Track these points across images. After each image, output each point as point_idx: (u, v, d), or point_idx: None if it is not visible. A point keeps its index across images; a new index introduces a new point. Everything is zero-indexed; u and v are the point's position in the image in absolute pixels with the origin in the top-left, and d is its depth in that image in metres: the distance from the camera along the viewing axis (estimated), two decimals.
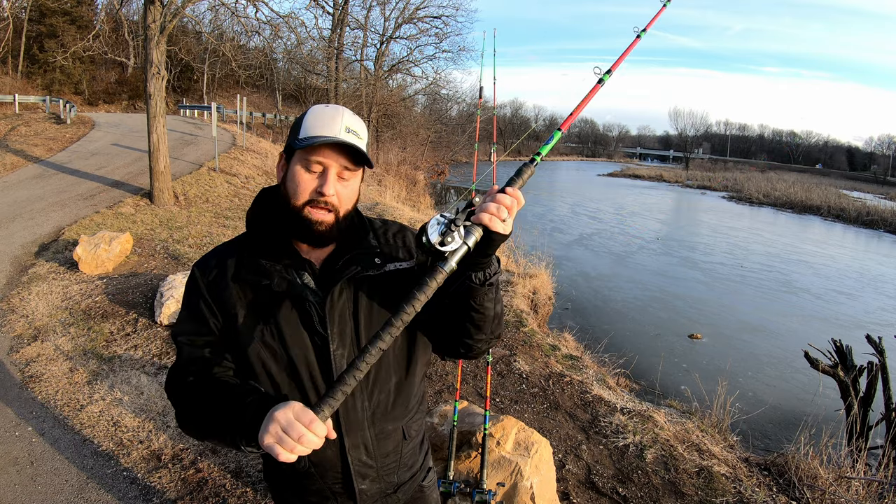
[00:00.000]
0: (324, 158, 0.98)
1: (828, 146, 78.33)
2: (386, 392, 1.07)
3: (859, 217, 23.76)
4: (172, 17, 8.06)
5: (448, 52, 24.37)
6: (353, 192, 1.05)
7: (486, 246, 0.89)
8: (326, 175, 0.99)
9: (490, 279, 0.93)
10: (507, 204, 0.87)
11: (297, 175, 1.00)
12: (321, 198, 0.99)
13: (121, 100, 24.54)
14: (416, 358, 1.13)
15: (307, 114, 1.03)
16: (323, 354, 1.01)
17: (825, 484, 2.87)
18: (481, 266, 0.93)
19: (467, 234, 0.86)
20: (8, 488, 2.56)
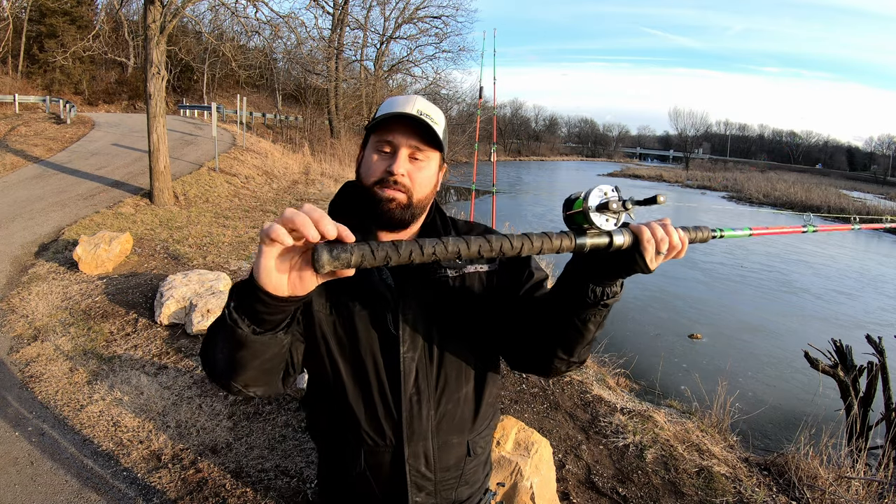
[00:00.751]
0: (393, 137, 0.94)
1: (828, 146, 78.36)
2: (454, 402, 1.00)
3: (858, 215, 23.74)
4: (172, 17, 8.06)
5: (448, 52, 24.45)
6: (427, 176, 0.98)
7: (617, 262, 0.78)
8: (397, 154, 0.95)
9: (608, 299, 0.82)
10: (674, 242, 0.77)
11: (368, 157, 0.98)
12: (391, 177, 0.94)
13: (121, 100, 24.54)
14: (490, 365, 1.05)
15: (385, 102, 1.01)
16: (392, 355, 0.95)
17: (825, 484, 2.87)
18: (606, 281, 0.81)
19: (619, 230, 0.76)
20: (8, 488, 2.56)
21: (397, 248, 0.63)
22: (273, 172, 12.73)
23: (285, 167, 13.78)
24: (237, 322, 0.72)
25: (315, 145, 19.53)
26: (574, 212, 0.78)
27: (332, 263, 0.61)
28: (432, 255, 0.65)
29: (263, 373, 0.81)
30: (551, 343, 0.91)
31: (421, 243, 0.64)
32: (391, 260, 0.63)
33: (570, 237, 0.74)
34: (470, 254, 0.67)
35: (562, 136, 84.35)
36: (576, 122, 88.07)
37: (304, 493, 2.58)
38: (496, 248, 0.68)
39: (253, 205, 9.78)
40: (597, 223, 0.74)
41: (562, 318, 0.87)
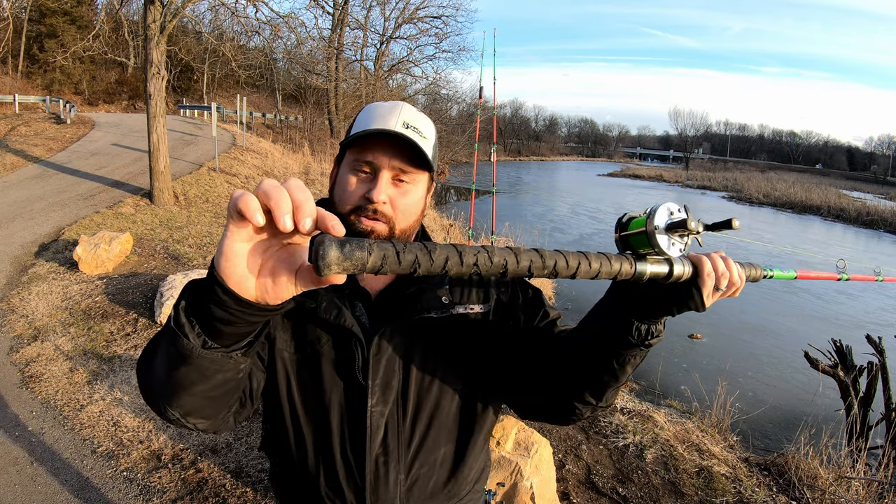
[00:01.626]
0: (373, 157, 0.80)
1: (828, 146, 78.40)
2: (430, 464, 0.85)
3: (859, 217, 23.75)
4: (172, 17, 8.06)
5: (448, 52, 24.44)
6: (412, 202, 0.84)
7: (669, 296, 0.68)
8: (377, 177, 0.81)
9: (652, 339, 0.71)
10: (734, 278, 0.68)
11: (344, 179, 0.83)
12: (370, 205, 0.80)
13: (121, 100, 24.54)
14: (479, 420, 0.89)
15: (364, 111, 0.87)
16: (358, 407, 0.82)
17: (825, 484, 2.87)
18: (652, 318, 0.70)
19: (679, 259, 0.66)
20: (8, 488, 2.56)
21: (430, 252, 0.49)
22: (273, 172, 12.73)
23: (285, 167, 13.78)
24: (184, 328, 0.56)
25: (315, 145, 19.53)
26: (632, 233, 0.66)
27: (343, 264, 0.45)
28: (473, 266, 0.51)
29: (209, 401, 0.65)
30: (578, 387, 0.79)
31: (460, 250, 0.51)
32: (419, 267, 0.49)
33: (630, 262, 0.62)
34: (518, 270, 0.54)
35: (562, 136, 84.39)
36: (576, 122, 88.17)
37: None
38: (549, 266, 0.56)
39: None
40: (662, 247, 0.64)
41: (595, 359, 0.75)
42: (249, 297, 0.51)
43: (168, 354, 0.59)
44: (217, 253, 0.50)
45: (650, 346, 0.72)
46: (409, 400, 0.83)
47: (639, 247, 0.66)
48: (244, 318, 0.54)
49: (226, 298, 0.51)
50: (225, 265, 0.50)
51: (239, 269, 0.50)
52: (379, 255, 0.47)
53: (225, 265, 0.50)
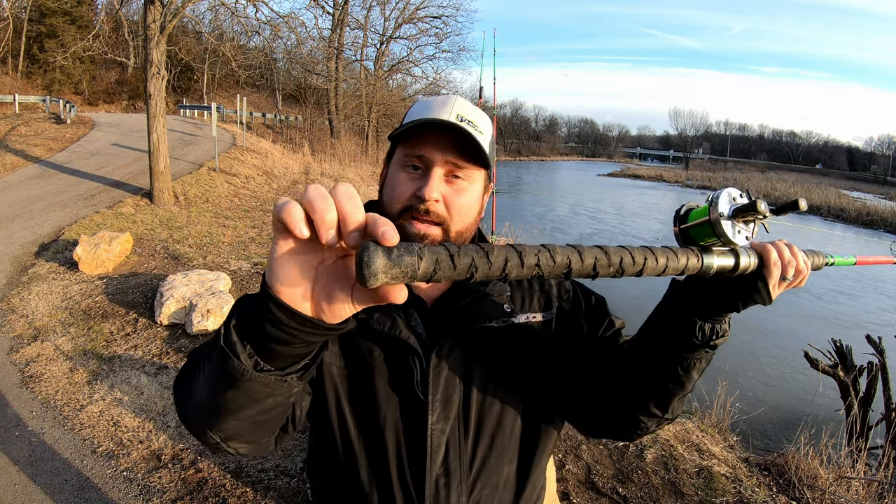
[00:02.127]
0: (426, 151, 0.74)
1: (828, 146, 78.44)
2: (493, 486, 0.79)
3: (859, 217, 23.77)
4: (172, 17, 8.07)
5: (448, 52, 24.44)
6: (468, 202, 0.77)
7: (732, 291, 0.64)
8: (429, 173, 0.74)
9: (717, 339, 0.67)
10: (801, 266, 0.64)
11: (394, 176, 0.77)
12: (421, 204, 0.73)
13: (121, 100, 24.55)
14: (543, 437, 0.83)
15: (415, 105, 0.81)
16: (417, 425, 0.75)
17: (825, 484, 2.87)
18: (716, 316, 0.66)
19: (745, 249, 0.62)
20: (8, 488, 2.56)
21: (487, 254, 0.45)
22: (273, 172, 12.73)
23: (285, 167, 13.79)
24: (235, 347, 0.51)
25: (315, 145, 19.53)
26: (694, 224, 0.62)
27: (390, 273, 0.40)
28: (535, 267, 0.47)
29: (256, 426, 0.60)
30: (643, 398, 0.74)
31: (520, 250, 0.47)
32: (476, 272, 0.44)
33: (697, 255, 0.58)
34: (583, 269, 0.50)
35: (562, 136, 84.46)
36: (576, 122, 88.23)
37: (304, 493, 2.58)
38: (615, 263, 0.52)
39: (253, 205, 9.78)
40: (729, 235, 0.60)
41: (658, 365, 0.71)
42: (307, 312, 0.47)
43: (214, 376, 0.54)
44: (267, 267, 0.47)
45: (716, 346, 0.68)
46: (471, 416, 0.77)
47: (701, 238, 0.62)
48: (301, 336, 0.49)
49: (281, 315, 0.47)
50: (276, 280, 0.46)
51: (291, 283, 0.46)
52: (431, 260, 0.42)
53: (276, 280, 0.46)
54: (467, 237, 0.79)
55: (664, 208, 25.63)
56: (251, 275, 5.57)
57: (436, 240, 0.74)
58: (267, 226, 8.22)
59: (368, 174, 17.05)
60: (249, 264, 5.95)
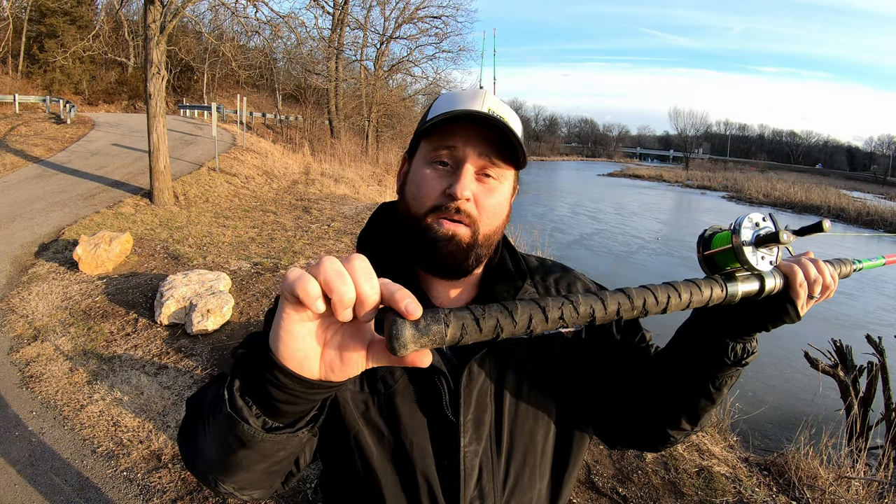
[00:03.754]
0: (457, 144, 0.69)
1: (828, 146, 78.44)
2: (527, 502, 0.77)
3: (859, 217, 23.77)
4: (172, 17, 8.07)
5: (448, 52, 24.38)
6: (498, 203, 0.72)
7: (761, 312, 0.64)
8: (460, 169, 0.69)
9: (748, 357, 0.67)
10: (827, 281, 0.63)
11: (419, 173, 0.72)
12: (451, 202, 0.68)
13: (121, 100, 24.54)
14: (573, 452, 0.81)
15: (442, 95, 0.76)
16: (448, 448, 0.71)
17: (825, 484, 2.87)
18: (746, 335, 0.66)
19: (769, 272, 0.62)
20: (8, 488, 2.56)
21: (511, 313, 0.46)
22: (273, 172, 12.73)
23: (285, 167, 13.79)
24: (241, 412, 0.50)
25: (315, 145, 19.54)
26: (718, 251, 0.62)
27: (419, 342, 0.41)
28: (559, 320, 0.48)
29: (267, 475, 0.60)
30: (673, 413, 0.74)
31: (543, 305, 0.47)
32: (502, 332, 0.45)
33: (721, 285, 0.58)
34: (606, 317, 0.51)
35: (562, 136, 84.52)
36: (576, 122, 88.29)
37: (304, 493, 2.58)
38: (638, 306, 0.53)
39: (253, 205, 9.78)
40: (752, 262, 0.59)
41: (690, 383, 0.70)
42: (313, 376, 0.47)
43: (223, 438, 0.53)
44: (272, 335, 0.46)
45: (746, 364, 0.68)
46: (503, 435, 0.74)
47: (725, 264, 0.62)
48: (308, 397, 0.49)
49: (286, 381, 0.47)
50: (283, 348, 0.45)
51: (300, 351, 0.45)
52: (457, 326, 0.43)
53: (283, 348, 0.45)
54: (494, 240, 0.75)
55: (664, 208, 25.64)
56: (251, 275, 5.58)
57: (463, 240, 0.70)
58: (267, 226, 8.22)
59: (368, 174, 17.04)
60: (249, 264, 5.95)
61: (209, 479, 0.60)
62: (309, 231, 7.97)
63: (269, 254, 6.53)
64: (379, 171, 18.80)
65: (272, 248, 6.87)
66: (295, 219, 8.88)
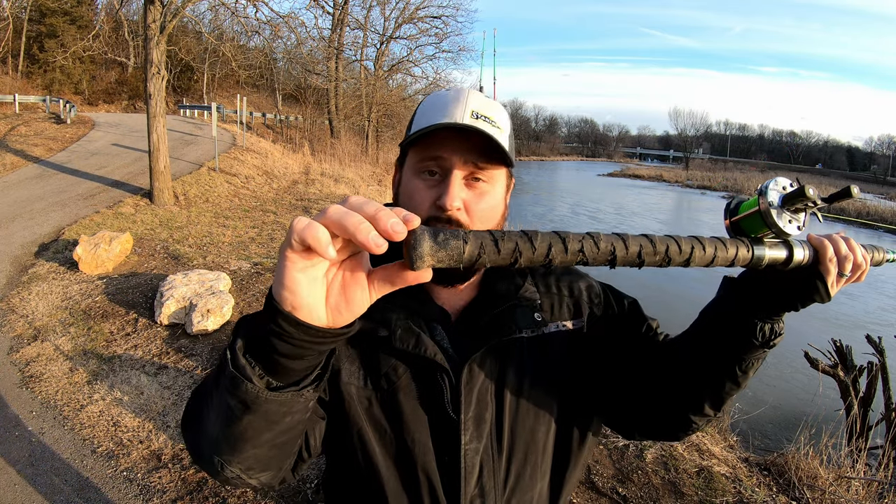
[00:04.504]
0: (442, 154, 0.69)
1: (828, 146, 78.46)
2: (528, 501, 0.77)
3: (859, 217, 23.77)
4: (172, 17, 8.07)
5: (448, 52, 24.38)
6: (491, 206, 0.73)
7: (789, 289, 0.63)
8: (447, 179, 0.69)
9: (775, 338, 0.66)
10: (859, 260, 0.63)
11: (409, 184, 0.72)
12: (442, 213, 0.69)
13: (121, 100, 24.54)
14: (576, 449, 0.80)
15: (424, 102, 0.76)
16: (449, 445, 0.71)
17: (825, 484, 2.87)
18: (775, 315, 0.65)
19: (798, 241, 0.61)
20: (8, 488, 2.56)
21: (531, 239, 0.45)
22: (273, 172, 12.73)
23: (285, 167, 13.79)
24: (244, 370, 0.49)
25: (315, 145, 19.54)
26: (745, 215, 0.61)
27: (437, 255, 0.41)
28: (579, 253, 0.47)
29: (275, 449, 0.59)
30: (697, 399, 0.73)
31: (563, 236, 0.47)
32: (521, 257, 0.44)
33: (747, 246, 0.57)
34: (627, 257, 0.50)
35: (562, 136, 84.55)
36: (576, 122, 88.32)
37: (304, 493, 2.58)
38: (661, 252, 0.51)
39: (253, 205, 9.78)
40: (780, 225, 0.58)
41: (716, 366, 0.69)
42: (321, 323, 0.46)
43: (226, 405, 0.52)
44: (276, 284, 0.45)
45: (774, 345, 0.66)
46: (504, 433, 0.74)
47: (753, 230, 0.60)
48: (314, 348, 0.48)
49: (293, 331, 0.46)
50: (290, 297, 0.44)
51: (308, 297, 0.45)
52: (476, 244, 0.42)
53: (290, 297, 0.44)
54: None
55: (664, 208, 25.65)
56: (251, 275, 5.57)
57: None
58: (267, 225, 8.22)
59: (368, 174, 17.04)
60: (249, 264, 5.95)
61: (215, 462, 0.58)
62: None
63: (269, 254, 6.53)
64: (379, 171, 18.80)
65: (272, 248, 6.87)
66: None
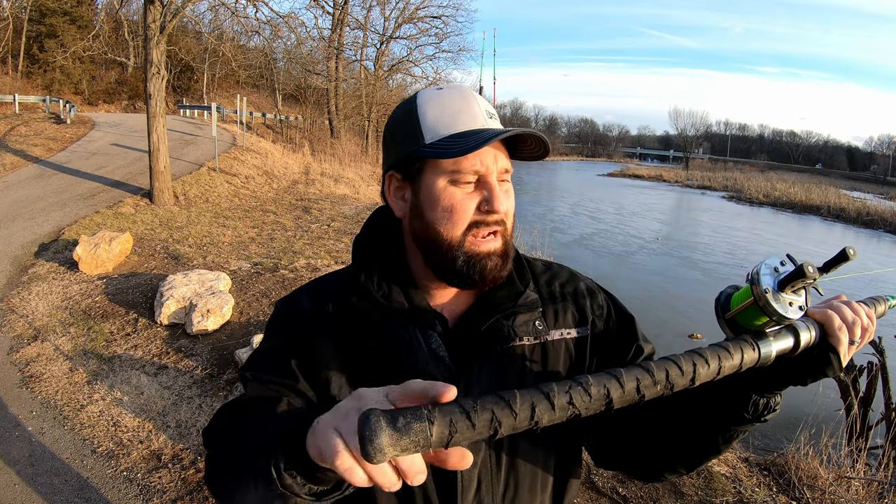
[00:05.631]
0: (481, 157, 0.67)
1: (828, 146, 78.44)
2: None
3: (859, 217, 23.75)
4: (172, 17, 8.07)
5: (448, 52, 24.39)
6: (514, 203, 0.73)
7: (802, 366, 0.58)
8: (485, 184, 0.68)
9: (769, 413, 0.63)
10: (865, 323, 0.58)
11: (445, 195, 0.68)
12: (490, 216, 0.68)
13: (121, 100, 24.54)
14: (575, 462, 0.78)
15: (423, 104, 0.71)
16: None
17: (825, 484, 2.87)
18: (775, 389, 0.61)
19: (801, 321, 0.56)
20: (8, 488, 2.56)
21: (509, 403, 0.41)
22: (273, 172, 12.73)
23: (285, 167, 13.79)
24: (292, 489, 0.51)
25: (315, 145, 19.54)
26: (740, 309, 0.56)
27: (399, 444, 0.37)
28: (568, 406, 0.43)
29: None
30: (672, 459, 0.71)
31: (547, 391, 0.43)
32: (500, 427, 0.40)
33: (752, 345, 0.53)
34: (625, 398, 0.46)
35: (562, 135, 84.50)
36: (576, 122, 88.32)
37: None
38: (661, 381, 0.48)
39: (253, 205, 9.78)
40: (780, 311, 0.54)
41: (698, 434, 0.66)
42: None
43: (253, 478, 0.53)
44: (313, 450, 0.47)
45: (765, 421, 0.63)
46: (503, 446, 0.71)
47: (751, 322, 0.56)
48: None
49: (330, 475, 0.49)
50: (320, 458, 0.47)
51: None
52: (444, 422, 0.38)
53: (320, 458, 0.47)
54: (512, 235, 0.75)
55: (664, 208, 25.65)
56: (251, 275, 5.58)
57: (500, 251, 0.70)
58: (267, 225, 8.22)
59: (368, 174, 17.04)
60: (249, 264, 5.95)
61: None
62: (309, 231, 7.97)
63: (269, 254, 6.53)
64: (379, 172, 18.76)
65: (272, 248, 6.87)
66: (295, 219, 8.88)
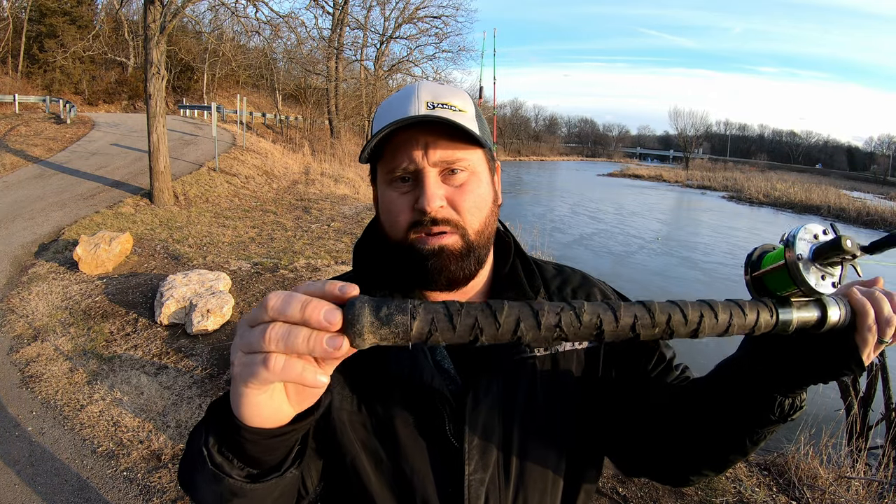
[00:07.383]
0: (405, 159, 0.64)
1: (828, 146, 78.43)
2: None
3: (859, 217, 23.75)
4: (172, 17, 8.08)
5: (448, 52, 24.40)
6: (477, 193, 0.66)
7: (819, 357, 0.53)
8: (420, 181, 0.64)
9: (794, 413, 0.58)
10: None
11: (384, 197, 0.67)
12: (425, 217, 0.63)
13: (121, 100, 24.54)
14: (587, 476, 0.74)
15: (379, 108, 0.71)
16: (451, 475, 0.65)
17: (825, 484, 2.87)
18: (799, 388, 0.56)
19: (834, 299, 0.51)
20: (8, 488, 2.56)
21: (494, 313, 0.39)
22: (273, 172, 12.73)
23: (285, 167, 13.79)
24: (222, 468, 0.49)
25: (315, 145, 19.54)
26: (768, 270, 0.51)
27: (379, 333, 0.37)
28: (555, 328, 0.40)
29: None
30: (699, 463, 0.68)
31: (537, 308, 0.40)
32: (481, 334, 0.39)
33: (770, 309, 0.48)
34: (618, 331, 0.42)
35: (562, 135, 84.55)
36: (576, 122, 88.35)
37: None
38: (660, 322, 0.43)
39: (253, 205, 9.78)
40: (810, 282, 0.48)
41: (725, 438, 0.63)
42: (288, 418, 0.46)
43: (214, 490, 0.51)
44: (235, 403, 0.45)
45: (793, 419, 0.59)
46: (512, 461, 0.68)
47: (778, 288, 0.50)
48: (286, 443, 0.49)
49: (260, 439, 0.47)
50: (249, 415, 0.45)
51: (268, 408, 0.45)
52: (426, 320, 0.38)
53: (249, 415, 0.45)
54: (489, 233, 0.69)
55: (664, 208, 25.64)
56: (251, 275, 5.58)
57: (455, 250, 0.64)
58: (267, 225, 8.22)
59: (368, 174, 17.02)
60: (249, 264, 5.95)
61: None
62: (309, 231, 7.98)
63: (269, 254, 6.53)
64: None
65: (272, 248, 6.87)
66: (295, 219, 8.88)
